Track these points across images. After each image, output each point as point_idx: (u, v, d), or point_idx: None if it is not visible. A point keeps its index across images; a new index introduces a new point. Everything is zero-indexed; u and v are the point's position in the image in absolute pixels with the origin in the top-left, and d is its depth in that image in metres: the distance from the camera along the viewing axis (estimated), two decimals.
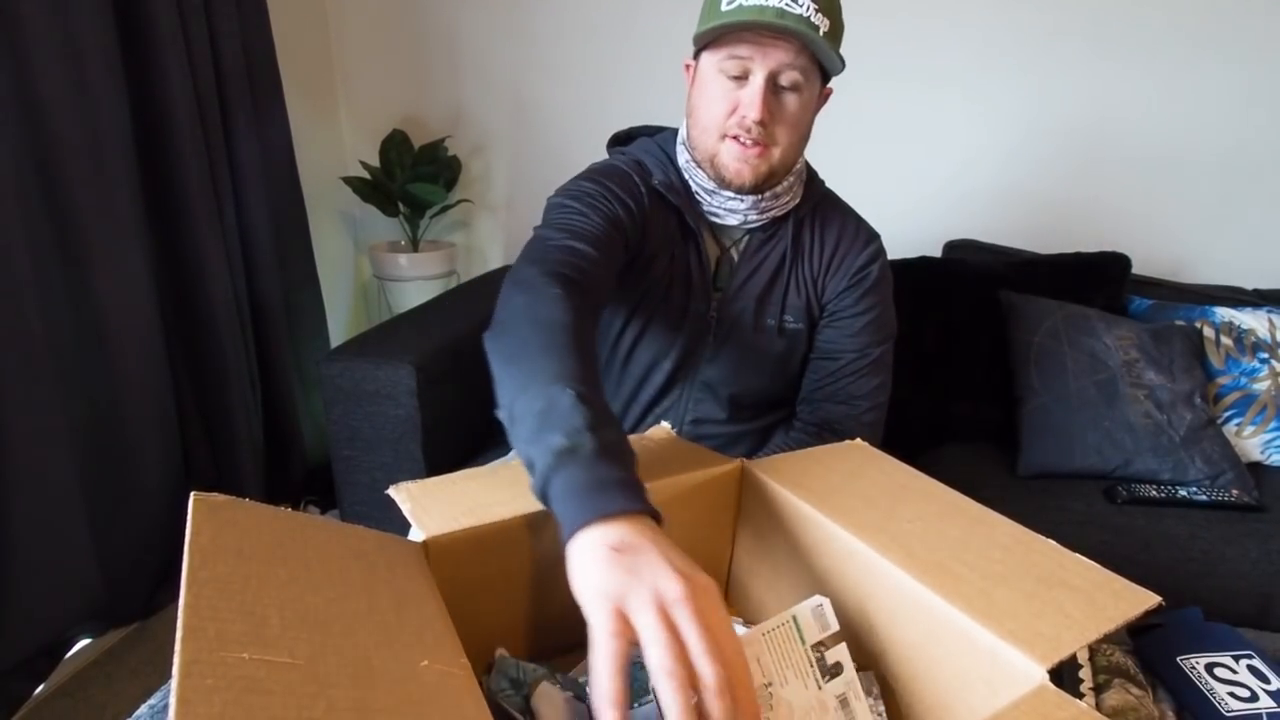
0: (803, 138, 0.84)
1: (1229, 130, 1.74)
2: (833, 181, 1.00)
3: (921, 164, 1.92)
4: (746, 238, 0.91)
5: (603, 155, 0.99)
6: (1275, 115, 1.71)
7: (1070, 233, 1.81)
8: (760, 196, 0.85)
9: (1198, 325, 1.53)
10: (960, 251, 1.79)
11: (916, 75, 1.85)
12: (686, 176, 0.88)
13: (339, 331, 2.20)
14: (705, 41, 0.79)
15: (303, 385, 1.89)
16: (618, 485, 0.47)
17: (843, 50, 0.80)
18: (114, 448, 1.40)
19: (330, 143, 2.19)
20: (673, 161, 0.90)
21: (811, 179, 0.95)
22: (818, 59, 0.78)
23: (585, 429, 0.50)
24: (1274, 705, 0.57)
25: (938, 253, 1.82)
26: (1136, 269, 1.66)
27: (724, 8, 0.76)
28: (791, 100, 0.79)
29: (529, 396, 0.54)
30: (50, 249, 1.27)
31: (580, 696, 0.51)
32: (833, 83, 0.85)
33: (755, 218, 0.88)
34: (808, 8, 0.73)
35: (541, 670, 0.52)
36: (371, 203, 2.06)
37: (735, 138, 0.80)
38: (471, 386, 0.95)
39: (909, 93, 1.87)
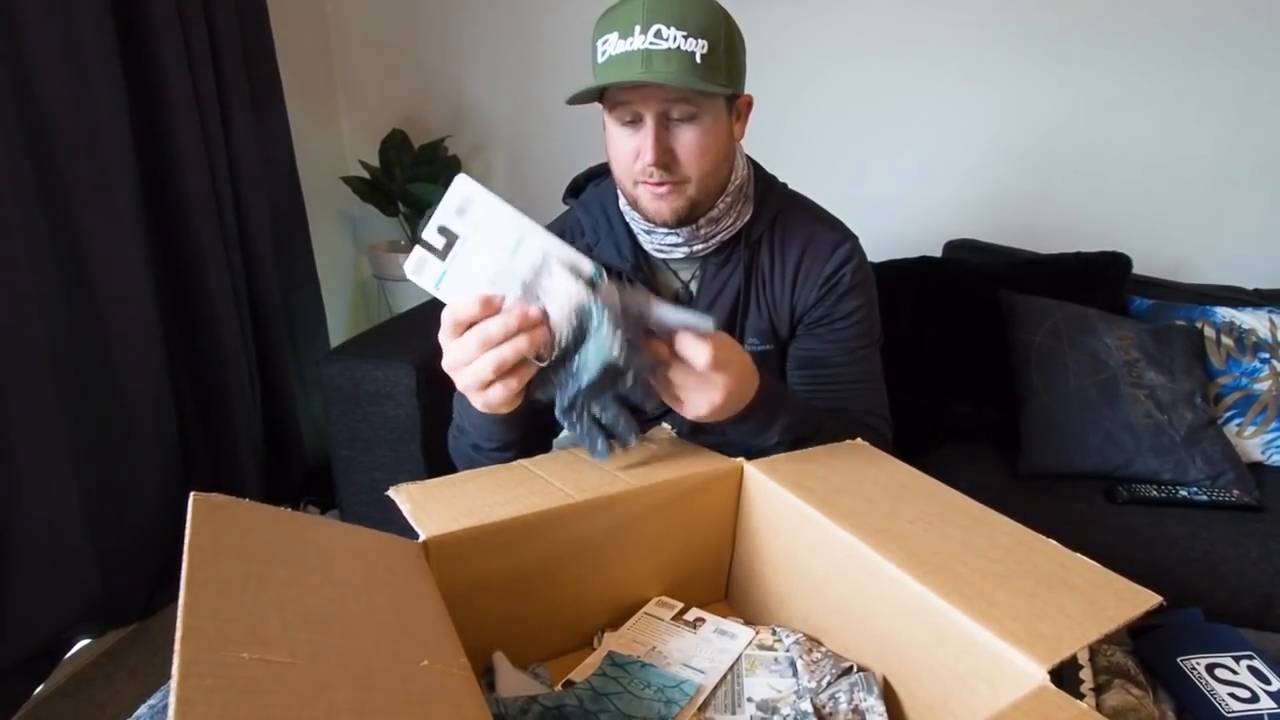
0: (718, 163, 0.79)
1: (1229, 130, 1.74)
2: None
3: (922, 164, 1.92)
4: (700, 267, 0.89)
5: (599, 156, 0.98)
6: (1275, 115, 1.71)
7: (1070, 233, 1.81)
8: (696, 226, 0.83)
9: (1198, 325, 1.53)
10: (960, 251, 1.79)
11: (917, 75, 1.85)
12: (628, 218, 0.88)
13: (338, 331, 2.19)
14: (584, 98, 0.77)
15: (302, 385, 1.89)
16: None
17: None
18: (114, 448, 1.40)
19: (330, 142, 2.19)
20: (611, 211, 0.89)
21: (767, 190, 0.90)
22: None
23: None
24: (1275, 706, 0.57)
25: (938, 253, 1.82)
26: (1137, 269, 1.66)
27: (598, 60, 0.75)
28: (690, 132, 0.76)
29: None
30: (50, 249, 1.28)
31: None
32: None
33: (700, 246, 0.85)
34: (675, 39, 0.70)
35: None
36: (371, 202, 2.06)
37: (646, 182, 0.78)
38: None
39: (909, 93, 1.87)
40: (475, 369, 0.58)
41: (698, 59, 0.72)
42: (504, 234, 0.55)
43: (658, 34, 0.71)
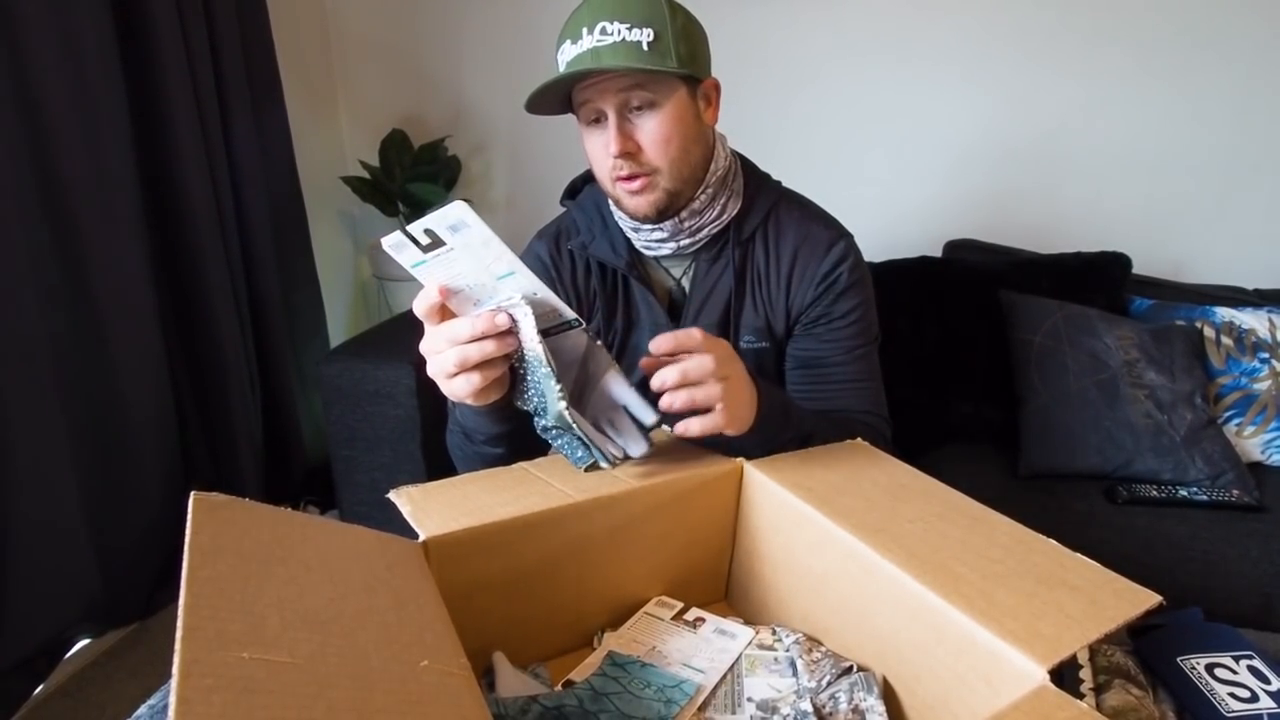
0: (686, 148, 0.80)
1: (1229, 130, 1.74)
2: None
3: (922, 164, 1.92)
4: (693, 263, 0.89)
5: None
6: (1275, 115, 1.71)
7: (1070, 233, 1.81)
8: (679, 219, 0.83)
9: (1198, 325, 1.53)
10: (960, 251, 1.79)
11: (916, 76, 1.85)
12: (618, 218, 0.88)
13: (338, 331, 2.19)
14: (547, 108, 0.80)
15: (302, 385, 1.89)
16: None
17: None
18: (114, 448, 1.40)
19: (330, 142, 2.19)
20: (605, 210, 0.90)
21: (759, 187, 0.90)
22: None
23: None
24: (1274, 706, 0.57)
25: (938, 253, 1.82)
26: (1137, 269, 1.66)
27: (559, 71, 0.77)
28: (651, 120, 0.77)
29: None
30: (50, 249, 1.27)
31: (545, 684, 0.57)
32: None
33: (688, 241, 0.85)
34: (618, 31, 0.73)
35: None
36: (371, 202, 2.06)
37: (622, 178, 0.79)
38: None
39: (909, 92, 1.87)
40: (440, 360, 0.60)
41: (644, 46, 0.73)
42: (494, 261, 0.55)
43: (602, 30, 0.73)
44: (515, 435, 0.74)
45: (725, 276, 0.87)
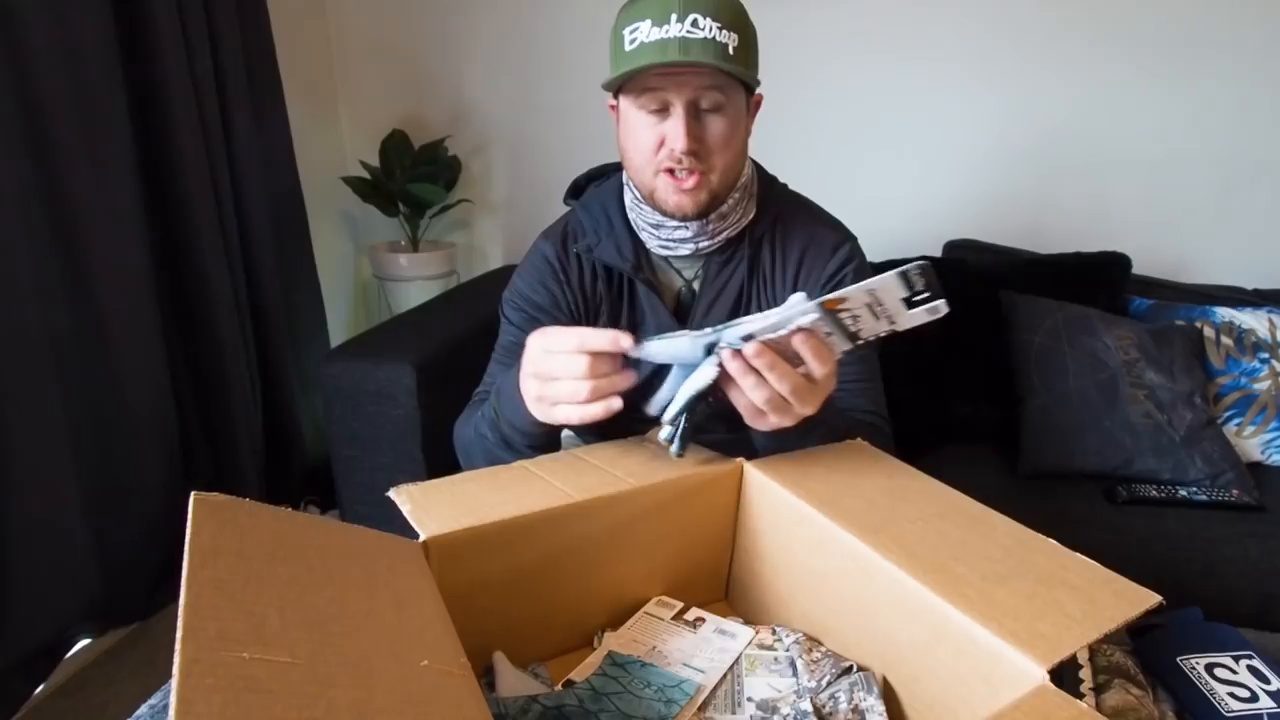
0: (738, 154, 0.82)
1: (1229, 130, 1.74)
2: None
3: (922, 164, 1.92)
4: (704, 265, 0.89)
5: (600, 156, 0.99)
6: (1275, 115, 1.71)
7: (1070, 233, 1.81)
8: (706, 221, 0.84)
9: (1198, 325, 1.53)
10: (960, 251, 1.79)
11: (917, 75, 1.85)
12: (633, 217, 0.88)
13: (339, 331, 2.19)
14: (616, 86, 0.79)
15: (302, 385, 1.89)
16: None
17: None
18: (114, 448, 1.40)
19: (330, 142, 2.19)
20: (612, 211, 0.90)
21: (768, 189, 0.91)
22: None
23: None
24: (1274, 705, 0.57)
25: (938, 253, 1.82)
26: (1136, 269, 1.66)
27: (627, 48, 0.75)
28: (717, 122, 0.78)
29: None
30: (50, 249, 1.27)
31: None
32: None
33: (707, 243, 0.86)
34: (711, 29, 0.72)
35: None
36: (371, 203, 2.06)
37: (669, 171, 0.79)
38: (471, 386, 0.95)
39: (910, 92, 1.87)
40: (571, 388, 0.61)
41: (730, 50, 0.74)
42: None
43: (694, 23, 0.72)
44: (555, 441, 0.76)
45: (735, 279, 0.88)
